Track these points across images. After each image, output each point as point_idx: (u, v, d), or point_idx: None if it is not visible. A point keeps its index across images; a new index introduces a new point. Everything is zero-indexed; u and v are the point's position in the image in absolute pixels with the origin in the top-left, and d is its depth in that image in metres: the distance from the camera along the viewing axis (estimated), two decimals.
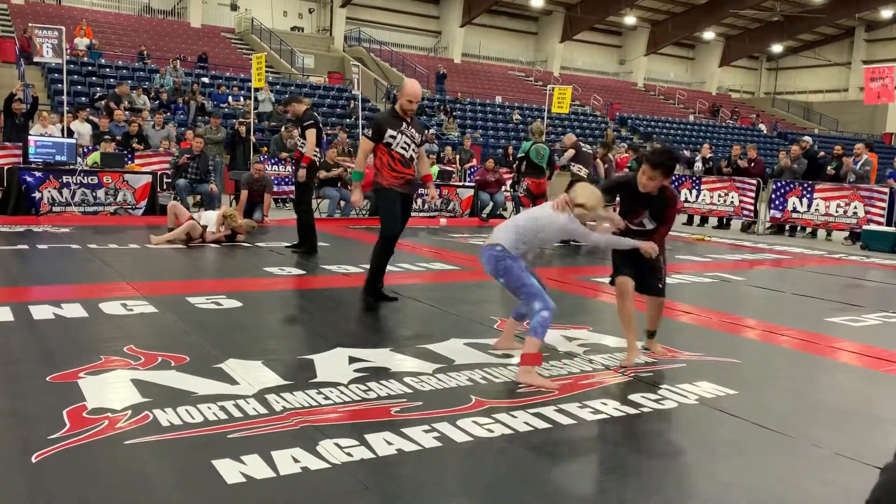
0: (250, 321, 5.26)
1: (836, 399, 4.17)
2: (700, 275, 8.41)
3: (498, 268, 4.15)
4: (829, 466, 3.10)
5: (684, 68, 47.47)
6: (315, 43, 34.21)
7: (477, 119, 27.49)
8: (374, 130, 5.79)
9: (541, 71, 39.90)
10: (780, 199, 14.30)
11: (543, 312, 4.01)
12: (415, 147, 5.90)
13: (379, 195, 5.98)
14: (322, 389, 3.68)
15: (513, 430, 3.28)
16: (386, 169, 5.81)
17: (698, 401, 3.82)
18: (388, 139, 5.75)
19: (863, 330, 5.83)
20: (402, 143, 5.79)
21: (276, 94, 21.97)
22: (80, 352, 4.16)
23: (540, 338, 4.00)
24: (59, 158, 11.20)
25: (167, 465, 2.81)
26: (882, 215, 12.89)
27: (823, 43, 46.38)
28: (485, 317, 5.52)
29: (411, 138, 5.84)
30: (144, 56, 24.19)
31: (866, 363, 4.82)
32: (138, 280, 6.40)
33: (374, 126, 5.85)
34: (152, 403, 3.38)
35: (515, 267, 4.12)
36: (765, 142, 33.08)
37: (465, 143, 19.30)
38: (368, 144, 5.85)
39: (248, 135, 15.59)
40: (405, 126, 5.81)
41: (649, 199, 4.44)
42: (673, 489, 2.85)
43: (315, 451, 2.94)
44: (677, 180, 15.98)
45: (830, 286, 8.19)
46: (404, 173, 5.84)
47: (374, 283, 6.03)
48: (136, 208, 11.70)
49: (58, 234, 9.06)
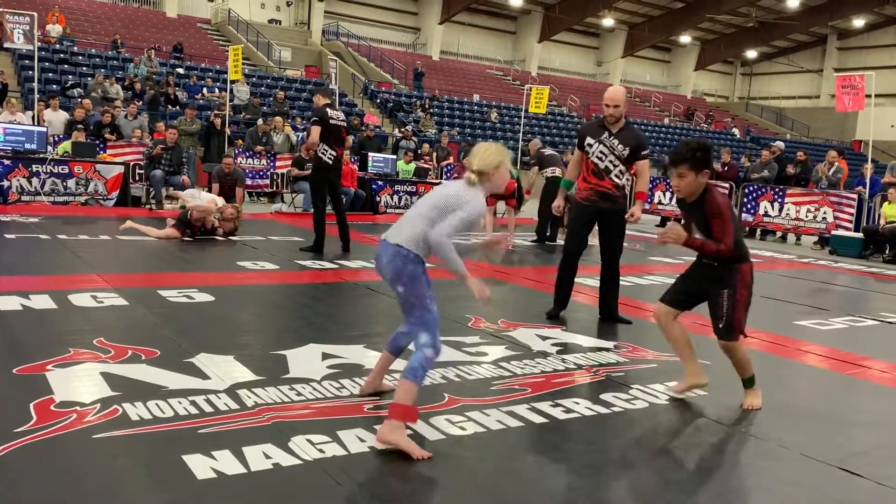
0: (223, 315, 5.21)
1: (803, 401, 4.24)
2: (672, 276, 8.47)
3: (403, 272, 3.13)
4: (795, 467, 3.15)
5: (660, 71, 47.89)
6: (292, 36, 33.97)
7: (454, 117, 27.49)
8: (578, 137, 5.72)
9: (518, 70, 40.02)
10: (751, 202, 14.49)
11: (427, 351, 3.12)
12: (613, 158, 5.46)
13: (570, 207, 5.91)
14: (294, 385, 3.67)
15: (485, 429, 3.29)
16: (580, 180, 5.66)
17: (669, 401, 3.86)
18: (586, 147, 5.54)
19: (830, 333, 5.93)
20: (598, 153, 5.49)
21: (253, 86, 21.79)
22: (48, 344, 4.10)
23: (418, 383, 3.09)
24: (28, 147, 11.01)
25: (137, 460, 2.78)
26: (850, 221, 13.13)
27: (797, 50, 47.07)
28: (458, 314, 5.53)
29: (611, 149, 5.44)
30: (118, 45, 23.85)
31: (833, 366, 4.91)
32: (109, 272, 6.31)
33: (578, 133, 5.79)
34: (122, 397, 3.34)
35: (424, 279, 3.17)
36: (738, 146, 33.48)
37: (443, 141, 19.30)
38: (577, 153, 5.72)
39: (223, 127, 15.44)
40: (606, 136, 5.48)
41: (691, 206, 3.77)
42: (642, 488, 2.88)
43: (287, 447, 2.93)
44: (651, 182, 16.16)
45: (799, 290, 8.32)
46: (595, 185, 5.53)
47: (555, 303, 5.82)
48: (107, 199, 11.53)
49: (27, 224, 8.90)
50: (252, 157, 14.78)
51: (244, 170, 13.19)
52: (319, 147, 8.17)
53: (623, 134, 5.48)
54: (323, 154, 8.20)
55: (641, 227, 14.89)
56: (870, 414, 4.03)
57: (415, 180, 14.66)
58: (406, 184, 14.45)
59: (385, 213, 13.72)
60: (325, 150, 8.18)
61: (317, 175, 8.47)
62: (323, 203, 8.58)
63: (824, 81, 44.54)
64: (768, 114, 45.62)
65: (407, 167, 15.17)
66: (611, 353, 4.75)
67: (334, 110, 8.36)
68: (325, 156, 8.20)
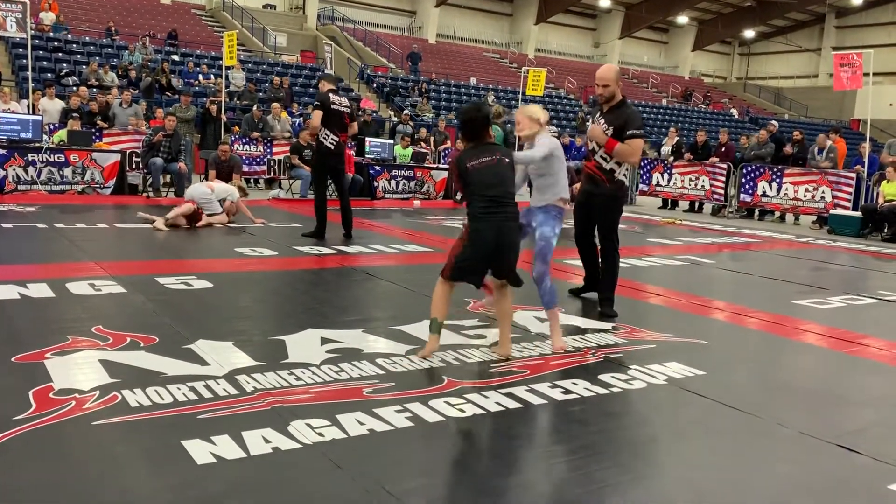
0: (221, 302, 5.21)
1: (802, 380, 4.25)
2: (671, 257, 8.50)
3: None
4: (794, 445, 3.16)
5: (658, 52, 47.64)
6: (287, 21, 33.73)
7: (451, 100, 27.36)
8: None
9: (515, 53, 39.78)
10: (749, 183, 14.47)
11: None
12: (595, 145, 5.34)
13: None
14: (293, 370, 3.67)
15: (484, 410, 3.30)
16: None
17: (667, 381, 3.87)
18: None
19: (828, 312, 5.93)
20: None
21: (248, 72, 21.68)
22: (47, 332, 4.09)
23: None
24: (24, 136, 10.96)
25: (136, 446, 2.78)
26: (848, 200, 13.11)
27: (794, 29, 46.80)
28: (457, 298, 5.52)
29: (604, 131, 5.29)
30: (112, 32, 23.69)
31: (831, 345, 4.92)
32: (106, 260, 6.30)
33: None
34: (121, 384, 3.34)
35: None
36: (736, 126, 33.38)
37: (440, 125, 19.21)
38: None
39: (219, 113, 15.37)
40: (598, 115, 5.38)
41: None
42: (641, 468, 2.89)
43: (286, 431, 2.93)
44: (649, 164, 16.13)
45: (798, 269, 8.33)
46: (585, 167, 5.54)
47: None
48: (104, 187, 11.50)
49: (23, 213, 8.88)
50: (249, 144, 14.73)
51: (241, 156, 13.14)
52: (321, 132, 8.18)
53: (612, 113, 5.25)
54: (325, 139, 8.20)
55: (641, 210, 14.88)
56: (868, 392, 4.04)
57: (412, 165, 14.61)
58: (403, 168, 14.40)
59: (383, 199, 13.68)
60: (327, 136, 8.18)
61: (318, 160, 8.49)
62: (324, 188, 8.58)
63: (822, 60, 44.33)
64: (766, 94, 45.43)
65: (404, 152, 15.11)
66: (609, 335, 4.75)
67: (338, 96, 8.36)
68: (327, 141, 8.20)
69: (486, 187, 3.93)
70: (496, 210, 3.93)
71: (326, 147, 8.21)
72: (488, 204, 3.92)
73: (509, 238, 4.00)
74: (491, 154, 4.01)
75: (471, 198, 3.97)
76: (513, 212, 4.02)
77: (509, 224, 3.99)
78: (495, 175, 3.97)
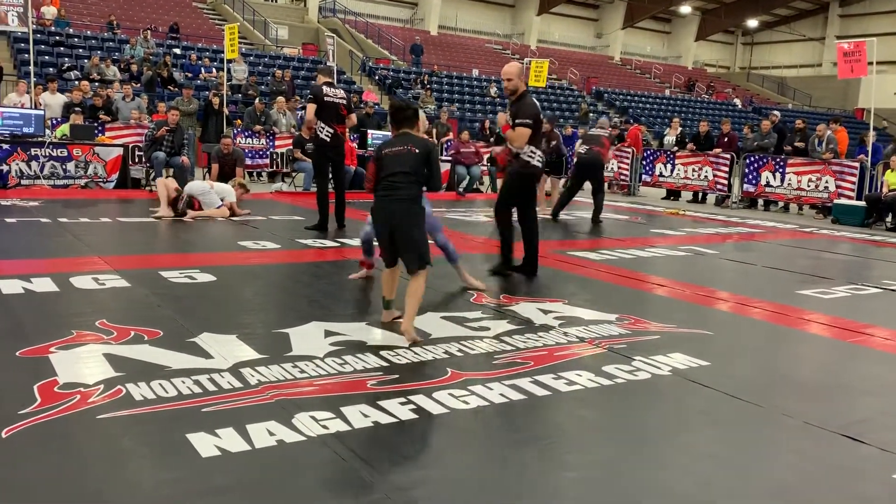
0: (224, 295, 5.21)
1: (806, 370, 4.25)
2: (674, 248, 8.48)
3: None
4: (799, 435, 3.16)
5: (661, 42, 47.43)
6: (289, 14, 33.65)
7: (454, 92, 27.29)
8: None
9: (517, 44, 39.61)
10: (753, 173, 14.43)
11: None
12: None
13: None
14: (297, 363, 3.67)
15: (488, 402, 3.30)
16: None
17: (671, 372, 3.86)
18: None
19: (832, 302, 5.92)
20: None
21: (250, 66, 21.64)
22: (51, 326, 4.10)
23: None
24: (26, 130, 10.97)
25: (141, 439, 2.79)
26: (852, 190, 13.06)
27: (798, 18, 46.55)
28: (461, 290, 5.52)
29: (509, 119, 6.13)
30: (114, 26, 23.66)
31: (835, 334, 4.91)
32: (110, 254, 6.31)
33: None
34: (125, 378, 3.35)
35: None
36: (740, 116, 33.26)
37: (442, 117, 19.15)
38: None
39: (221, 107, 15.35)
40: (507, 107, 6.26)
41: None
42: (647, 459, 2.89)
43: (290, 423, 2.93)
44: (652, 155, 16.09)
45: (802, 259, 8.31)
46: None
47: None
48: (107, 181, 11.51)
49: (27, 208, 8.89)
50: (251, 137, 14.71)
51: (243, 150, 13.14)
52: (317, 124, 8.20)
53: (514, 105, 6.06)
54: (320, 131, 8.24)
55: (644, 201, 14.85)
56: (873, 381, 4.03)
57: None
58: None
59: None
60: (323, 128, 8.21)
61: (315, 152, 8.54)
62: (324, 181, 8.58)
63: (826, 49, 44.10)
64: (770, 83, 45.22)
65: None
66: (613, 326, 4.74)
67: (332, 88, 8.35)
68: (323, 133, 8.23)
69: (388, 173, 4.31)
70: (390, 192, 4.28)
71: (322, 139, 8.26)
72: (385, 186, 4.30)
73: (399, 218, 4.29)
74: (404, 144, 4.36)
75: (378, 182, 4.37)
76: (406, 194, 4.28)
77: (398, 204, 4.28)
78: (400, 163, 4.30)
